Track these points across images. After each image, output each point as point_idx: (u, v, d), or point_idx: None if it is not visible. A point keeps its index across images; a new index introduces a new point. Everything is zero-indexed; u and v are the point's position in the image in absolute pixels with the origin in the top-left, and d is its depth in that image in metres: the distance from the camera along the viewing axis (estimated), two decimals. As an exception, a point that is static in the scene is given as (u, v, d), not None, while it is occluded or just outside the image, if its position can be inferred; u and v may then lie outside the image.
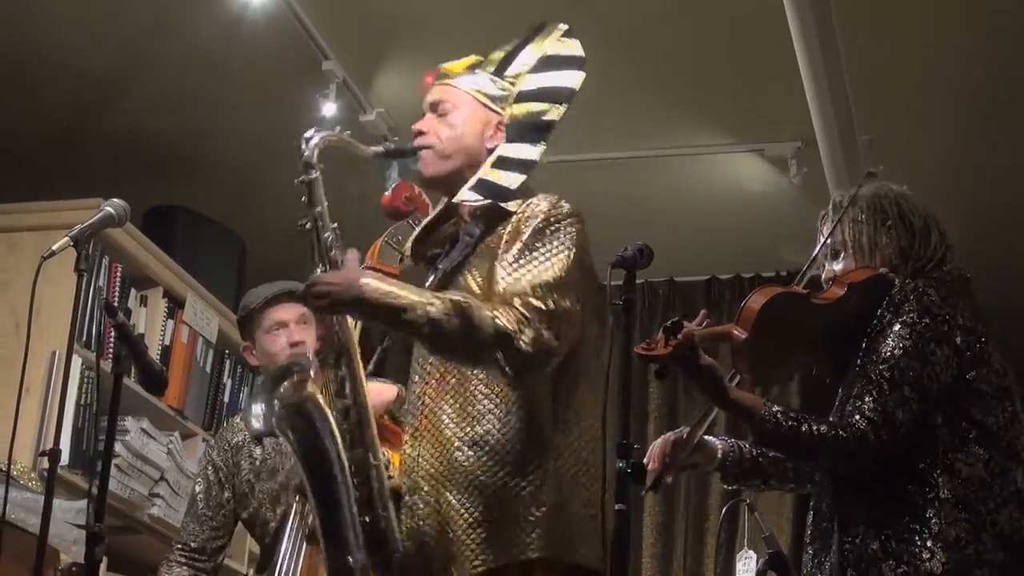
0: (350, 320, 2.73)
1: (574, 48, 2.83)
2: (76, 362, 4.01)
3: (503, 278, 2.60)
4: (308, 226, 2.69)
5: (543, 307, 2.53)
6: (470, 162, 2.76)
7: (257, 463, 3.58)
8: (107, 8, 4.41)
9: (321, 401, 2.66)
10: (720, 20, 4.35)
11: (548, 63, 2.82)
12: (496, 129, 2.78)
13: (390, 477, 2.66)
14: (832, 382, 2.80)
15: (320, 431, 2.64)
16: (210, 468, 3.63)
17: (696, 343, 2.55)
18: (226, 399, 4.88)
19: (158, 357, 4.40)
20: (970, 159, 4.96)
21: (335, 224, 2.70)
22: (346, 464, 2.64)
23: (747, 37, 4.40)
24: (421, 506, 2.62)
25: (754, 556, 4.82)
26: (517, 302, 2.53)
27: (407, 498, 2.64)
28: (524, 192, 2.74)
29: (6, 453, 2.94)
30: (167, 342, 4.55)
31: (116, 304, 4.16)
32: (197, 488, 3.65)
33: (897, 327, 2.62)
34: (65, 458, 3.82)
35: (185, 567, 3.57)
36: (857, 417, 2.56)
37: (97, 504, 2.77)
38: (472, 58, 2.88)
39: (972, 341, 2.64)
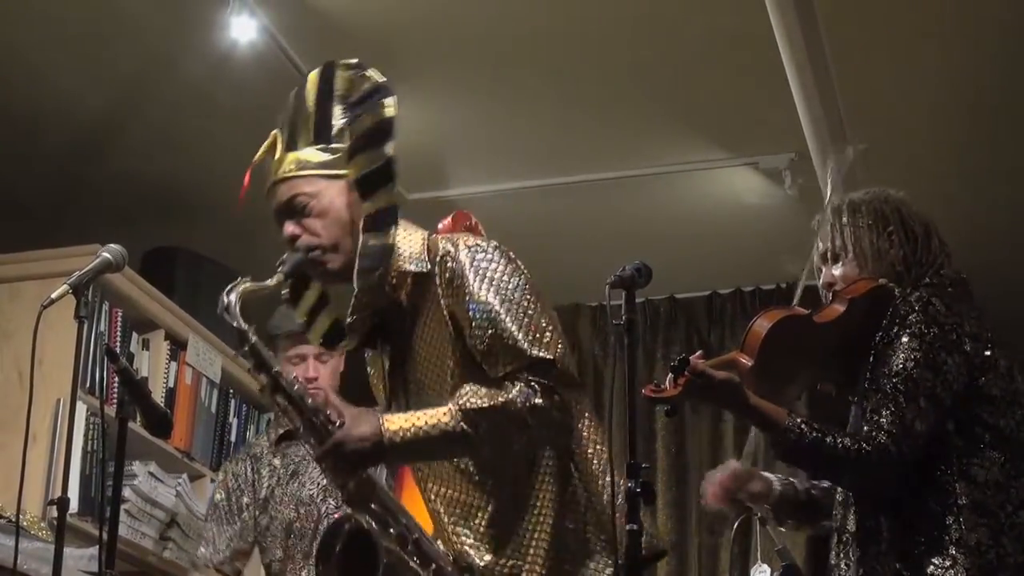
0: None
1: (373, 78, 2.73)
2: (81, 409, 4.00)
3: (493, 353, 2.51)
4: (270, 389, 2.61)
5: (549, 356, 2.50)
6: (355, 239, 2.64)
7: (278, 470, 3.69)
8: (99, 54, 4.41)
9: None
10: (708, 36, 4.35)
11: (358, 106, 2.71)
12: (352, 192, 2.67)
13: None
14: (836, 396, 2.80)
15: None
16: (229, 476, 3.80)
17: (704, 371, 2.55)
18: (232, 438, 4.87)
19: (162, 400, 4.39)
20: (964, 165, 4.96)
21: (295, 374, 2.66)
22: None
23: (736, 52, 4.40)
24: None
25: (768, 570, 4.79)
26: (526, 375, 2.49)
27: None
28: (422, 244, 2.65)
29: (15, 503, 2.92)
30: (171, 384, 4.54)
31: (118, 349, 4.20)
32: (217, 496, 3.80)
33: (905, 339, 2.61)
34: (74, 505, 3.81)
35: None
36: (877, 431, 2.55)
37: (108, 550, 2.77)
38: (272, 137, 2.78)
39: (980, 347, 2.63)
